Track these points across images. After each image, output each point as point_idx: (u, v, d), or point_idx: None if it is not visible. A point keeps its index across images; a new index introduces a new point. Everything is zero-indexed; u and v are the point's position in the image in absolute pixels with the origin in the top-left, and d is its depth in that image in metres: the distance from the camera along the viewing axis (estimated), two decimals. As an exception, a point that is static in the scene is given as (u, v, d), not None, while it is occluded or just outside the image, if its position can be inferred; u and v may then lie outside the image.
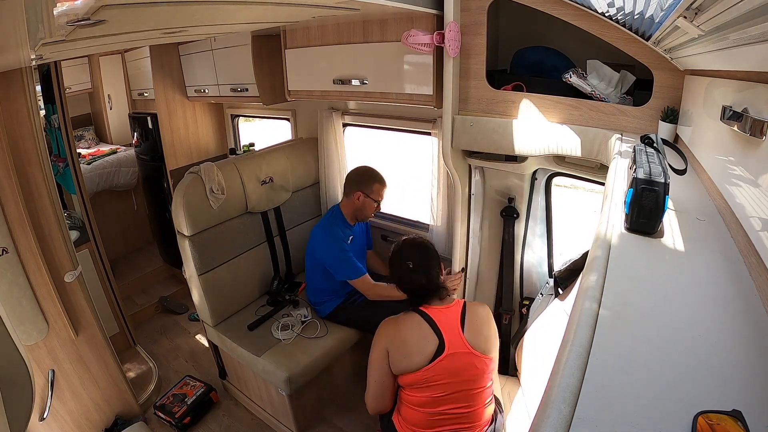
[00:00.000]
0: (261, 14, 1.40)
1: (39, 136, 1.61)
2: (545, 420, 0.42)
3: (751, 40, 0.59)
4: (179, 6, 0.95)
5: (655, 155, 0.86)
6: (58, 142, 2.24)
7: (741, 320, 0.57)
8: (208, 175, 2.03)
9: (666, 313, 0.59)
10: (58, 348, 1.74)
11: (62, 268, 1.72)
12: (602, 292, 0.60)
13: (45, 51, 1.19)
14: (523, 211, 2.00)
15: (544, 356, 1.54)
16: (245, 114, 3.22)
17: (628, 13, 1.24)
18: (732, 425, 0.40)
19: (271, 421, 2.19)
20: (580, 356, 0.49)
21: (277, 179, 2.35)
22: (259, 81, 2.37)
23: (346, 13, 1.57)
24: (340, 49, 1.89)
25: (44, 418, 1.64)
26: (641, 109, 1.36)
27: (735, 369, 0.50)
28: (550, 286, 1.71)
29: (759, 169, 0.66)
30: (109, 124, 3.90)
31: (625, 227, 0.78)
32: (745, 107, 0.70)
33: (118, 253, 3.50)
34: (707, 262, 0.69)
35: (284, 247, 2.46)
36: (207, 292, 2.08)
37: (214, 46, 2.54)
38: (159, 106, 2.79)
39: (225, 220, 2.15)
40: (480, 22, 1.57)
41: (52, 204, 1.66)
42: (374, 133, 2.51)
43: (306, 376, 1.93)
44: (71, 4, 0.73)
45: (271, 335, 2.06)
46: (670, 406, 0.44)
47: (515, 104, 1.59)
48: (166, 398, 2.25)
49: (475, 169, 1.96)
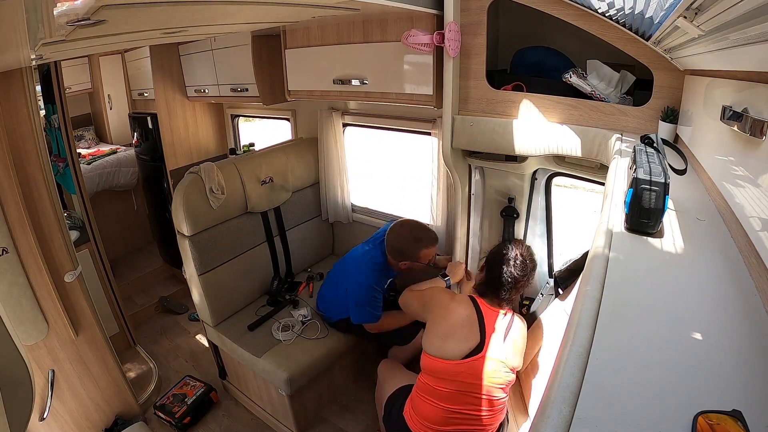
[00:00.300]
0: (261, 14, 1.40)
1: (39, 136, 1.60)
2: (545, 420, 0.42)
3: (751, 40, 0.59)
4: (179, 6, 0.95)
5: (655, 155, 0.86)
6: (58, 142, 2.24)
7: (741, 320, 0.57)
8: (208, 175, 2.03)
9: (666, 314, 0.59)
10: (58, 348, 1.74)
11: (62, 268, 1.72)
12: (602, 292, 0.60)
13: (45, 51, 1.19)
14: (523, 211, 2.00)
15: (546, 356, 1.54)
16: (245, 114, 3.22)
17: (628, 13, 1.24)
18: (732, 425, 0.40)
19: (271, 421, 2.19)
20: (580, 356, 0.49)
21: (277, 179, 2.35)
22: (259, 81, 2.37)
23: (346, 13, 1.56)
24: (340, 49, 1.89)
25: (44, 418, 1.64)
26: (641, 109, 1.36)
27: (735, 369, 0.50)
28: (551, 286, 1.71)
29: (759, 169, 0.66)
30: (109, 124, 3.90)
31: (625, 227, 0.78)
32: (745, 107, 0.70)
33: (118, 253, 3.50)
34: (707, 262, 0.69)
35: (284, 247, 2.46)
36: (207, 292, 2.08)
37: (214, 46, 2.54)
38: (159, 106, 2.79)
39: (225, 220, 2.15)
40: (480, 22, 1.57)
41: (52, 204, 1.66)
42: (374, 133, 2.51)
43: (306, 376, 1.93)
44: (71, 4, 0.73)
45: (271, 335, 2.06)
46: (670, 406, 0.44)
47: (515, 104, 1.59)
48: (166, 398, 2.25)
49: (475, 169, 1.96)
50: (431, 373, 1.41)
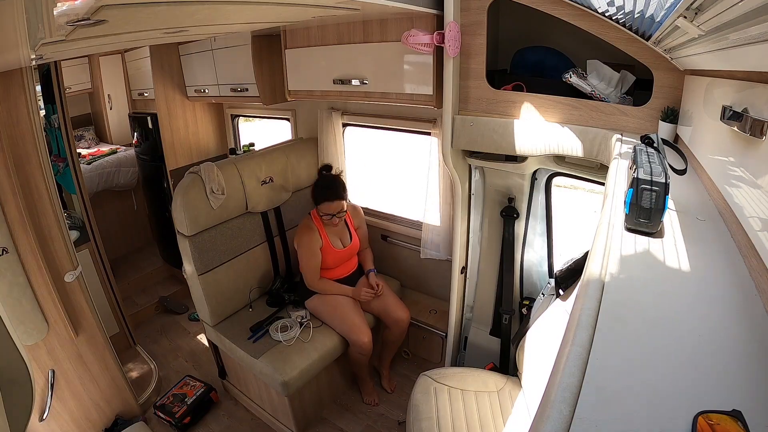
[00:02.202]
0: (261, 14, 1.40)
1: (39, 136, 1.60)
2: (545, 420, 0.42)
3: (751, 40, 0.59)
4: (179, 6, 0.95)
5: (655, 155, 0.86)
6: (58, 142, 2.24)
7: (741, 320, 0.57)
8: (208, 175, 2.03)
9: (666, 314, 0.59)
10: (58, 348, 1.74)
11: (62, 268, 1.72)
12: (602, 293, 0.60)
13: (45, 51, 1.19)
14: (523, 210, 2.00)
15: (546, 357, 1.54)
16: (245, 114, 3.22)
17: (628, 12, 1.24)
18: (732, 425, 0.40)
19: (271, 421, 2.18)
20: (580, 356, 0.49)
21: (277, 179, 2.35)
22: (259, 81, 2.37)
23: (346, 13, 1.56)
24: (340, 49, 1.89)
25: (44, 418, 1.64)
26: (641, 109, 1.36)
27: (735, 369, 0.50)
28: (552, 286, 1.71)
29: (759, 169, 0.66)
30: (109, 124, 3.90)
31: (626, 227, 0.78)
32: (745, 107, 0.70)
33: (118, 253, 3.50)
34: (707, 262, 0.69)
35: (284, 247, 2.46)
36: (207, 292, 2.08)
37: (214, 46, 2.54)
38: (159, 106, 2.79)
39: (225, 220, 2.15)
40: (480, 22, 1.57)
41: (52, 204, 1.66)
42: (374, 133, 2.51)
43: (302, 379, 1.93)
44: (71, 4, 0.73)
45: (269, 336, 2.06)
46: (670, 406, 0.44)
47: (515, 104, 1.59)
48: (166, 398, 2.25)
49: (475, 168, 1.96)
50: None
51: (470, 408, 1.65)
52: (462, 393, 1.70)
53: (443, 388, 1.71)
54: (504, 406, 1.67)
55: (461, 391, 1.71)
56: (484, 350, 2.22)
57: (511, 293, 2.07)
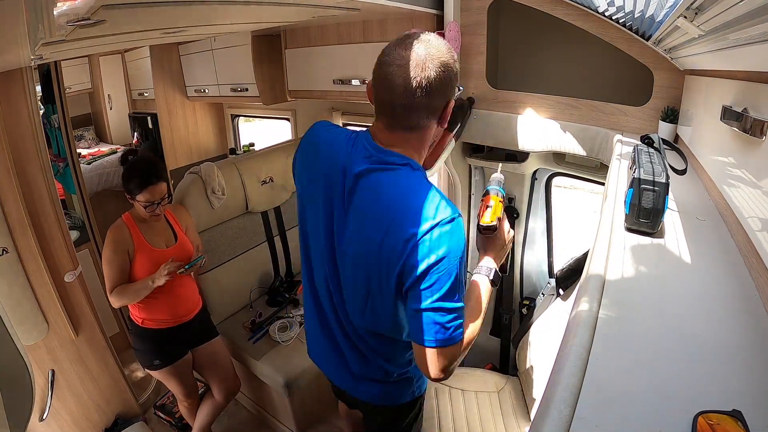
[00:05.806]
0: (261, 14, 1.40)
1: (39, 136, 1.60)
2: (545, 420, 0.42)
3: (751, 40, 0.59)
4: (179, 6, 0.94)
5: (655, 155, 0.86)
6: (58, 142, 2.24)
7: (741, 320, 0.57)
8: (209, 175, 2.03)
9: (666, 314, 0.59)
10: (58, 348, 1.74)
11: (62, 268, 1.71)
12: (602, 292, 0.60)
13: (45, 51, 1.19)
14: (523, 210, 2.00)
15: (546, 356, 1.54)
16: (245, 114, 3.22)
17: (629, 12, 1.24)
18: (732, 425, 0.40)
19: (271, 421, 2.18)
20: (580, 356, 0.49)
21: (277, 179, 2.35)
22: (259, 81, 2.37)
23: (346, 13, 1.56)
24: (340, 49, 1.89)
25: (44, 418, 1.64)
26: (641, 109, 1.36)
27: (735, 369, 0.49)
28: (552, 286, 1.71)
29: (759, 169, 0.66)
30: (109, 124, 3.90)
31: (626, 227, 0.78)
32: (745, 107, 0.70)
33: (118, 253, 3.49)
34: (707, 262, 0.69)
35: (284, 247, 2.46)
36: (207, 292, 2.08)
37: (214, 46, 2.54)
38: (159, 106, 2.79)
39: (225, 220, 2.15)
40: (480, 22, 1.57)
41: (52, 204, 1.66)
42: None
43: (304, 379, 1.92)
44: (71, 4, 0.73)
45: (269, 337, 2.06)
46: (670, 406, 0.44)
47: (516, 104, 1.59)
48: (166, 398, 2.25)
49: (475, 169, 1.95)
50: None
51: (471, 408, 1.65)
52: (462, 393, 1.70)
53: (444, 388, 1.71)
54: (504, 406, 1.67)
55: (461, 391, 1.71)
56: (483, 350, 2.22)
57: (511, 293, 2.07)
